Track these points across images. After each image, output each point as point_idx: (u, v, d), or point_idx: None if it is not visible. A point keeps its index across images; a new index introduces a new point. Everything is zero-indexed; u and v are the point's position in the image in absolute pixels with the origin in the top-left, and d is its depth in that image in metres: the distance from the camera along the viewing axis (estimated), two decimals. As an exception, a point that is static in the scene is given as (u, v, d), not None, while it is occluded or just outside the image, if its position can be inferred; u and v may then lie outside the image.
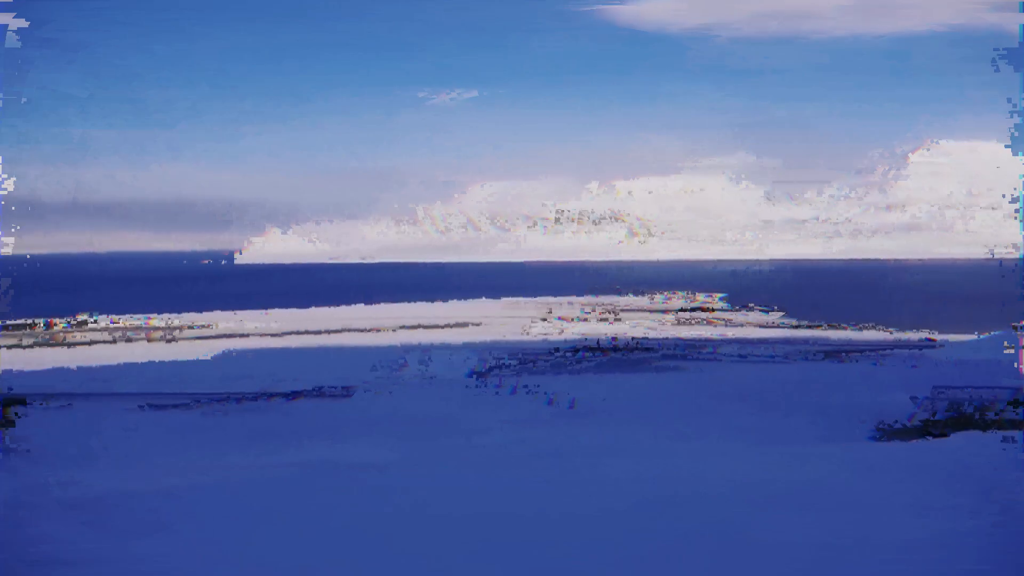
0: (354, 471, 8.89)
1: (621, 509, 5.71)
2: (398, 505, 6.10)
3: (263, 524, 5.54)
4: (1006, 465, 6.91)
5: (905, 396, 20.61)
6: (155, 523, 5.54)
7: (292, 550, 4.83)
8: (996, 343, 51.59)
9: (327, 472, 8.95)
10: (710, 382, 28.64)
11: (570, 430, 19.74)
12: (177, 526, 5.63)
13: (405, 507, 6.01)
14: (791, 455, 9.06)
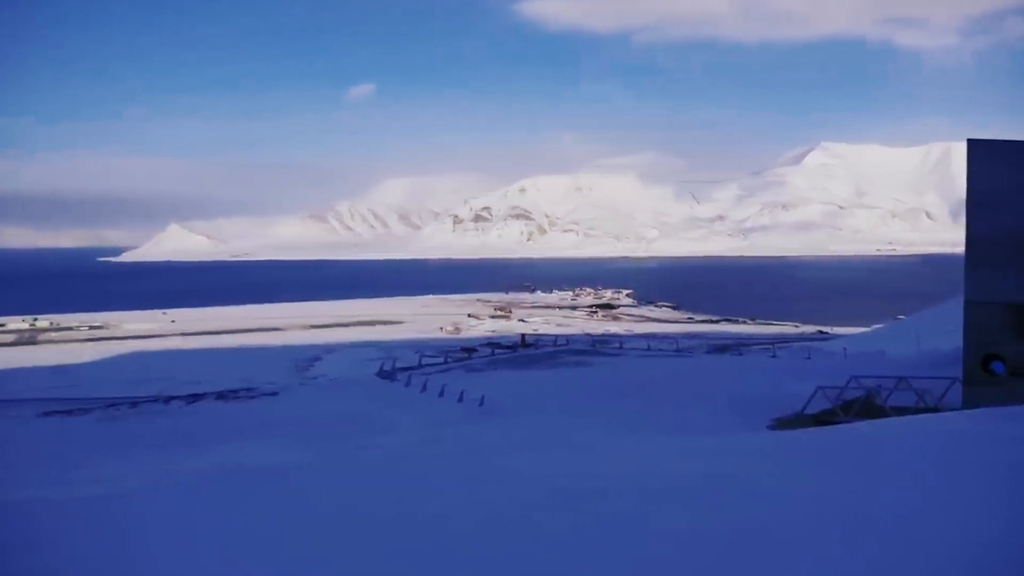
0: (255, 475, 8.60)
1: (526, 506, 5.69)
2: (298, 509, 5.92)
3: (161, 533, 5.27)
4: (897, 450, 7.24)
5: (801, 386, 21.46)
6: (49, 538, 5.20)
7: (187, 559, 4.61)
8: (883, 335, 54.56)
9: (227, 477, 8.63)
10: (616, 377, 29.14)
11: (479, 428, 19.72)
12: (72, 538, 5.30)
13: (304, 510, 5.83)
14: (693, 446, 9.26)
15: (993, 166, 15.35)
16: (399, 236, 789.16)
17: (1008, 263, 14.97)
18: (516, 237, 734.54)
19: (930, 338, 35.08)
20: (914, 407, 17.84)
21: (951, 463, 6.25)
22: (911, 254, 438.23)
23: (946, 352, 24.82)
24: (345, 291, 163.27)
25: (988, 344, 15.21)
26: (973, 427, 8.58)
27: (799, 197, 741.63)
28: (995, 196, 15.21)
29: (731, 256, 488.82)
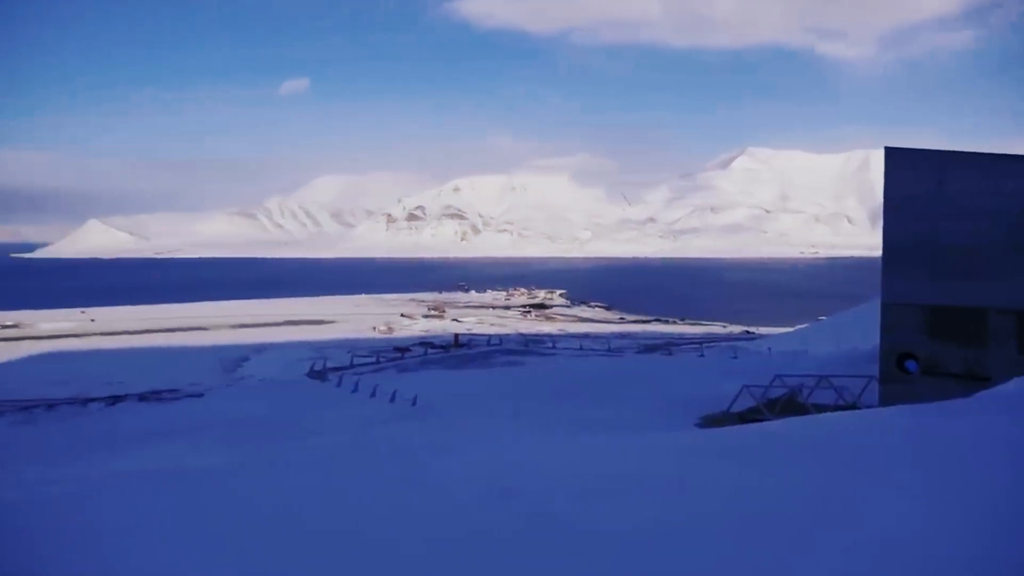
0: (177, 478, 8.33)
1: (457, 506, 5.65)
2: (221, 512, 5.75)
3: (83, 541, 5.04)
4: (820, 447, 7.44)
5: (727, 385, 21.97)
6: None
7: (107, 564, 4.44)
8: (806, 334, 56.29)
9: (149, 480, 8.34)
10: (549, 376, 29.33)
11: (411, 428, 19.58)
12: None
13: (228, 513, 5.67)
14: (623, 445, 9.35)
15: (908, 174, 15.98)
16: (331, 235, 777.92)
17: (921, 267, 15.61)
18: (450, 237, 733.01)
19: (850, 338, 36.40)
20: (834, 404, 18.47)
21: (868, 457, 6.47)
22: (833, 257, 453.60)
23: (864, 351, 25.75)
24: (275, 290, 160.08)
25: (903, 344, 15.84)
26: (888, 423, 8.90)
27: (727, 201, 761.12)
28: (910, 202, 15.84)
29: (662, 257, 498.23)
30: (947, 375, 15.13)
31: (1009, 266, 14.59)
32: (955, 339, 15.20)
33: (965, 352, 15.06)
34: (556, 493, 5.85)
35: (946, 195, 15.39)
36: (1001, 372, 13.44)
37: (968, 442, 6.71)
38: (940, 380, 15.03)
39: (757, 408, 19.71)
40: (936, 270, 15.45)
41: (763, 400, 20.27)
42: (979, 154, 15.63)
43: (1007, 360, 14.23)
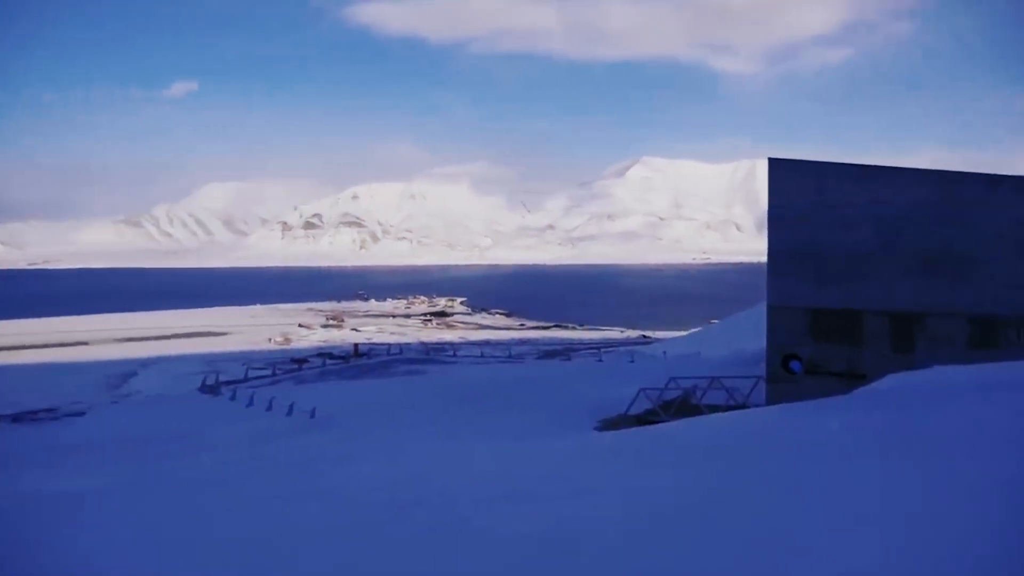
0: (52, 501, 7.87)
1: (357, 519, 5.57)
2: (103, 536, 5.48)
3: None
4: (712, 446, 7.70)
5: (625, 388, 22.47)
6: None
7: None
8: (699, 338, 58.21)
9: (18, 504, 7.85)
10: (450, 384, 29.26)
11: (309, 441, 19.14)
12: None
13: (110, 537, 5.41)
14: (524, 450, 9.43)
15: (790, 183, 16.83)
16: (223, 243, 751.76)
17: (803, 271, 16.46)
18: (348, 245, 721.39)
19: (739, 340, 37.89)
20: (725, 404, 19.20)
21: (755, 454, 6.77)
22: (723, 263, 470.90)
23: (752, 352, 26.87)
24: (164, 301, 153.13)
25: (787, 345, 16.64)
26: (775, 421, 9.34)
27: (623, 208, 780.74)
28: (792, 211, 16.68)
29: (560, 264, 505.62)
30: (828, 374, 15.98)
31: (882, 270, 15.57)
32: (835, 340, 16.08)
33: (844, 352, 15.95)
34: (460, 499, 5.86)
35: (825, 204, 16.28)
36: (876, 370, 14.31)
37: (846, 436, 7.12)
38: (822, 379, 15.86)
39: (653, 410, 20.27)
40: (817, 275, 16.31)
41: (659, 402, 20.85)
42: (855, 165, 16.61)
43: (881, 358, 15.17)
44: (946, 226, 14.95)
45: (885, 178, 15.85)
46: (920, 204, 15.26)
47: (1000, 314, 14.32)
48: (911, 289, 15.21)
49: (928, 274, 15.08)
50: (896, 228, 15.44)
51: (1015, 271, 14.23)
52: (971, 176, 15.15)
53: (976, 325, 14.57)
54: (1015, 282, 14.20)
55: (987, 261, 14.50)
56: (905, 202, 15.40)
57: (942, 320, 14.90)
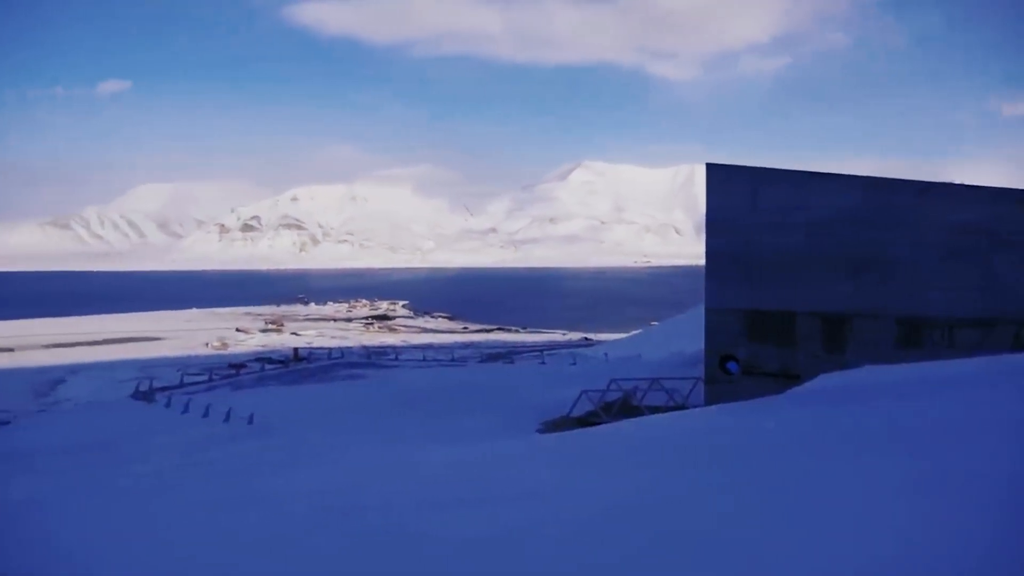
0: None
1: (294, 525, 5.48)
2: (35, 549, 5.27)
3: None
4: (651, 446, 7.79)
5: (567, 391, 22.62)
6: None
7: None
8: (640, 340, 58.97)
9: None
10: (391, 389, 29.00)
11: (246, 448, 18.75)
12: None
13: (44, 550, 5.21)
14: (467, 453, 9.41)
15: (727, 188, 17.17)
16: (157, 246, 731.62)
17: (740, 274, 16.81)
18: (288, 248, 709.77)
19: (679, 342, 38.51)
20: (665, 405, 19.48)
21: (693, 454, 6.89)
22: (664, 266, 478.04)
23: (691, 354, 27.34)
24: (94, 306, 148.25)
25: (725, 346, 16.96)
26: (712, 421, 9.52)
27: (565, 212, 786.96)
28: (728, 215, 17.02)
29: (503, 267, 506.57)
30: (764, 374, 16.34)
31: (814, 273, 16.00)
32: (770, 341, 16.46)
33: (779, 353, 16.33)
34: (402, 505, 5.81)
35: (760, 208, 16.66)
36: (809, 370, 14.71)
37: (781, 434, 7.30)
38: (758, 379, 16.21)
39: (595, 412, 20.44)
40: (753, 277, 16.67)
41: (600, 404, 21.04)
42: (789, 171, 17.03)
43: (814, 359, 15.59)
44: (875, 230, 15.44)
45: (818, 184, 16.30)
46: (851, 209, 15.73)
47: (925, 315, 14.86)
48: (842, 291, 15.68)
49: (858, 277, 15.55)
50: (828, 232, 15.89)
51: (939, 274, 14.78)
52: (899, 183, 15.69)
53: (903, 326, 15.08)
54: (939, 285, 14.75)
55: (914, 264, 15.03)
56: (836, 207, 15.86)
57: (871, 321, 15.38)
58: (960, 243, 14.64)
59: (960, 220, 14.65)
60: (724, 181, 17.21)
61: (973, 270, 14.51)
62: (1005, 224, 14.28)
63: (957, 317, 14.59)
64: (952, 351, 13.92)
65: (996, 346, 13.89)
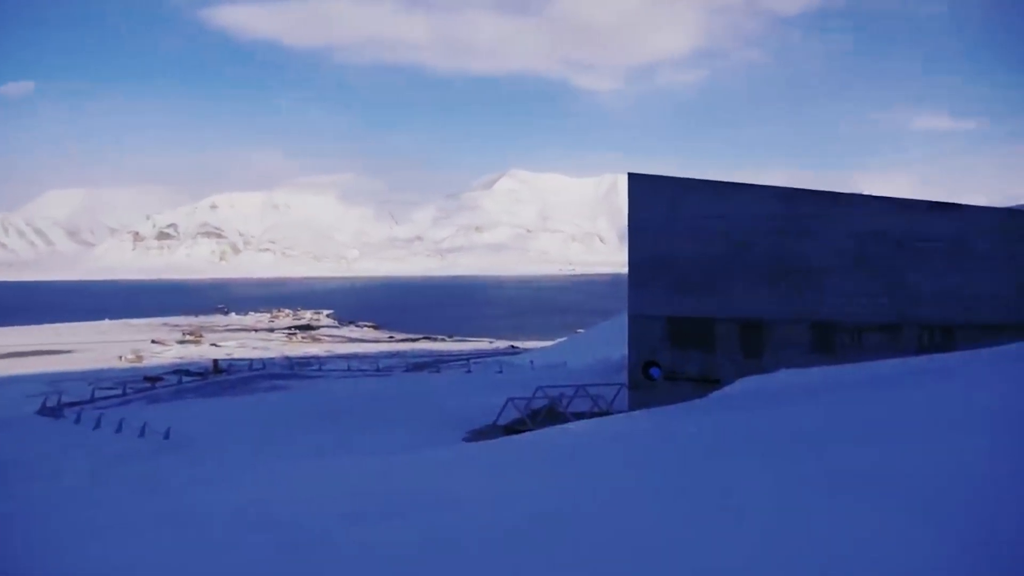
0: None
1: (210, 542, 5.30)
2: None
3: None
4: (575, 452, 7.83)
5: (494, 399, 22.62)
6: None
7: None
8: (566, 347, 59.47)
9: None
10: (315, 399, 28.44)
11: (162, 463, 18.08)
12: None
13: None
14: (392, 464, 9.28)
15: (648, 198, 17.53)
16: (67, 254, 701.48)
17: (662, 282, 17.15)
18: (207, 256, 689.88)
19: (604, 349, 39.02)
20: (590, 412, 19.68)
21: (616, 459, 6.97)
22: (589, 274, 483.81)
23: (616, 361, 27.74)
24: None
25: (648, 352, 17.26)
26: (636, 425, 9.65)
27: (491, 220, 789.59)
28: (650, 224, 17.37)
29: (429, 276, 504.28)
30: (686, 379, 16.70)
31: (733, 280, 16.45)
32: (691, 347, 16.83)
33: (700, 358, 16.71)
34: (326, 517, 5.68)
35: (681, 217, 17.05)
36: (729, 374, 15.08)
37: (702, 437, 7.45)
38: (680, 384, 16.55)
39: (521, 419, 20.50)
40: (674, 285, 17.03)
41: (526, 411, 21.12)
42: (709, 181, 17.49)
43: (733, 363, 16.00)
44: (790, 239, 15.98)
45: (735, 194, 16.78)
46: (767, 218, 16.25)
47: (837, 320, 15.44)
48: (759, 298, 16.16)
49: (775, 284, 16.06)
50: (745, 241, 16.37)
51: (850, 281, 15.40)
52: (812, 193, 16.29)
53: (816, 331, 15.64)
54: (850, 291, 15.36)
55: (826, 272, 15.62)
56: (754, 216, 16.36)
57: (786, 327, 15.90)
58: (869, 251, 15.28)
59: (869, 229, 15.31)
60: (646, 191, 17.55)
61: (881, 277, 15.17)
62: (911, 233, 14.98)
63: (866, 322, 15.22)
64: (861, 354, 14.50)
65: (902, 349, 14.54)
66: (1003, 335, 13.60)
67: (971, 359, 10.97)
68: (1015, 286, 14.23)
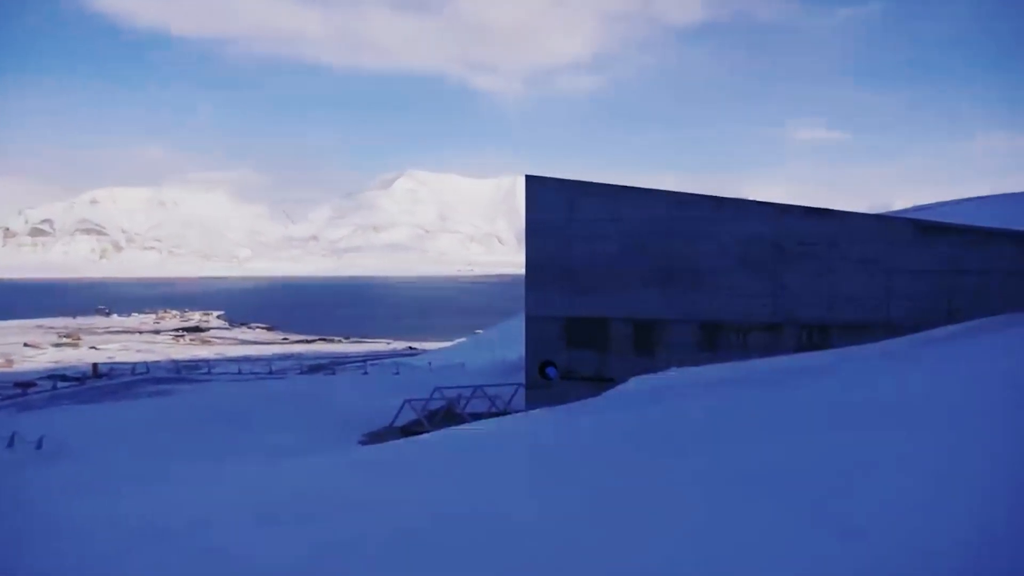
0: None
1: (90, 556, 5.05)
2: None
3: None
4: (472, 453, 7.86)
5: (391, 400, 22.41)
6: None
7: None
8: (464, 348, 59.50)
9: None
10: (203, 404, 27.40)
11: (35, 474, 17.02)
12: None
13: None
14: (283, 469, 9.08)
15: (545, 199, 17.77)
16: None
17: (558, 283, 17.43)
18: (86, 254, 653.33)
19: (502, 349, 39.28)
20: (487, 412, 19.79)
21: (511, 458, 7.05)
22: (488, 274, 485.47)
23: (513, 361, 27.99)
24: None
25: (544, 352, 17.51)
26: (532, 424, 9.78)
27: (389, 220, 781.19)
28: (546, 225, 17.62)
29: (325, 276, 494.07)
30: (581, 379, 17.02)
31: (625, 281, 16.89)
32: (587, 346, 17.18)
33: (594, 357, 17.08)
34: (217, 525, 5.51)
35: (576, 219, 17.37)
36: (621, 373, 15.48)
37: (596, 434, 7.63)
38: (576, 383, 16.86)
39: (418, 421, 20.40)
40: (570, 286, 17.34)
41: (424, 413, 21.03)
42: (603, 184, 17.88)
43: (625, 362, 16.44)
44: (680, 241, 16.55)
45: (629, 197, 17.23)
46: (659, 221, 16.77)
47: (723, 320, 16.10)
48: (651, 298, 16.66)
49: (666, 285, 16.60)
50: (638, 242, 16.84)
51: (735, 282, 16.08)
52: (700, 197, 16.91)
53: (704, 330, 16.26)
54: (735, 291, 16.05)
55: (714, 273, 16.25)
56: (646, 219, 16.85)
57: (676, 326, 16.46)
58: (752, 254, 16.01)
59: (752, 233, 16.03)
60: (542, 193, 17.79)
61: (763, 279, 15.91)
62: (791, 237, 15.79)
63: (750, 322, 15.94)
64: (746, 353, 15.17)
65: (783, 348, 15.30)
66: (873, 334, 14.53)
67: (845, 357, 11.66)
68: (883, 288, 15.22)
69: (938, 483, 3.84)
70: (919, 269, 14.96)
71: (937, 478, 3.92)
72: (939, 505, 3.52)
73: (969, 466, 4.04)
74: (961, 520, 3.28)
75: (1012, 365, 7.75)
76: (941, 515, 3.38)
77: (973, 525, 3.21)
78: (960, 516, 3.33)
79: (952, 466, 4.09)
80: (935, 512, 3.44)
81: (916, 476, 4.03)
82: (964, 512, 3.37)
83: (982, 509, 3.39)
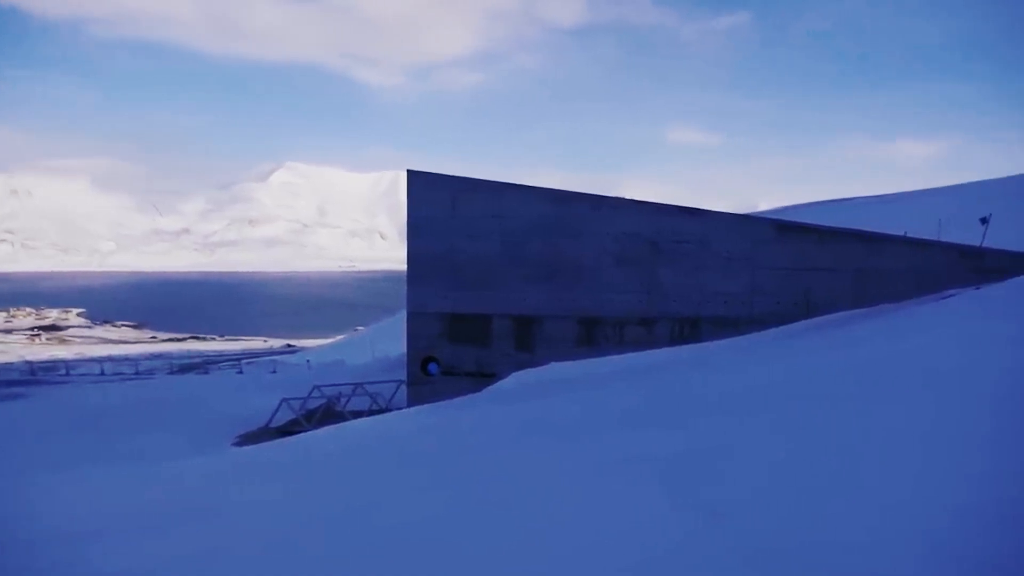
0: None
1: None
2: None
3: None
4: (351, 451, 7.74)
5: (267, 400, 21.72)
6: None
7: None
8: (344, 345, 58.49)
9: None
10: (59, 407, 25.68)
11: None
12: None
13: None
14: (149, 475, 8.66)
15: (427, 195, 17.70)
16: None
17: (441, 279, 17.41)
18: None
19: (383, 346, 38.86)
20: (369, 409, 19.52)
21: (392, 455, 6.99)
22: (369, 270, 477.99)
23: (395, 358, 27.72)
24: None
25: (426, 348, 17.45)
26: (414, 421, 9.74)
27: (266, 214, 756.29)
28: (428, 221, 17.56)
29: (198, 271, 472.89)
30: (463, 374, 17.08)
31: (508, 277, 17.07)
32: (469, 342, 17.25)
33: (476, 353, 17.17)
34: (80, 535, 5.20)
35: (459, 216, 17.40)
36: (503, 368, 15.65)
37: (477, 429, 7.68)
38: (457, 379, 16.90)
39: (296, 420, 19.89)
40: (453, 282, 17.35)
41: (302, 412, 20.52)
42: (486, 181, 17.98)
43: (506, 358, 16.62)
44: (561, 239, 16.87)
45: (511, 194, 17.41)
46: (540, 218, 17.03)
47: (601, 315, 16.54)
48: (532, 294, 16.91)
49: (546, 281, 16.88)
50: (519, 239, 17.05)
51: (612, 279, 16.55)
52: (579, 196, 17.29)
53: (582, 325, 16.65)
54: (612, 288, 16.51)
55: (592, 270, 16.66)
56: (528, 216, 17.08)
57: (556, 322, 16.78)
58: (629, 251, 16.52)
59: (628, 230, 16.55)
60: (425, 188, 17.72)
61: (639, 275, 16.46)
62: (665, 235, 16.39)
63: (627, 316, 16.45)
64: (622, 347, 15.66)
65: (657, 341, 15.88)
66: (739, 327, 15.31)
67: (715, 350, 12.23)
68: (748, 284, 16.07)
69: (799, 463, 4.10)
70: (779, 266, 15.87)
71: (798, 458, 4.18)
72: (797, 483, 3.75)
73: (824, 445, 4.33)
74: (820, 494, 3.51)
75: (853, 355, 8.33)
76: (803, 493, 3.61)
77: (831, 500, 3.44)
78: (818, 492, 3.56)
79: (810, 446, 4.37)
80: (797, 490, 3.66)
81: (777, 457, 4.27)
82: (823, 488, 3.61)
83: (832, 486, 3.63)
